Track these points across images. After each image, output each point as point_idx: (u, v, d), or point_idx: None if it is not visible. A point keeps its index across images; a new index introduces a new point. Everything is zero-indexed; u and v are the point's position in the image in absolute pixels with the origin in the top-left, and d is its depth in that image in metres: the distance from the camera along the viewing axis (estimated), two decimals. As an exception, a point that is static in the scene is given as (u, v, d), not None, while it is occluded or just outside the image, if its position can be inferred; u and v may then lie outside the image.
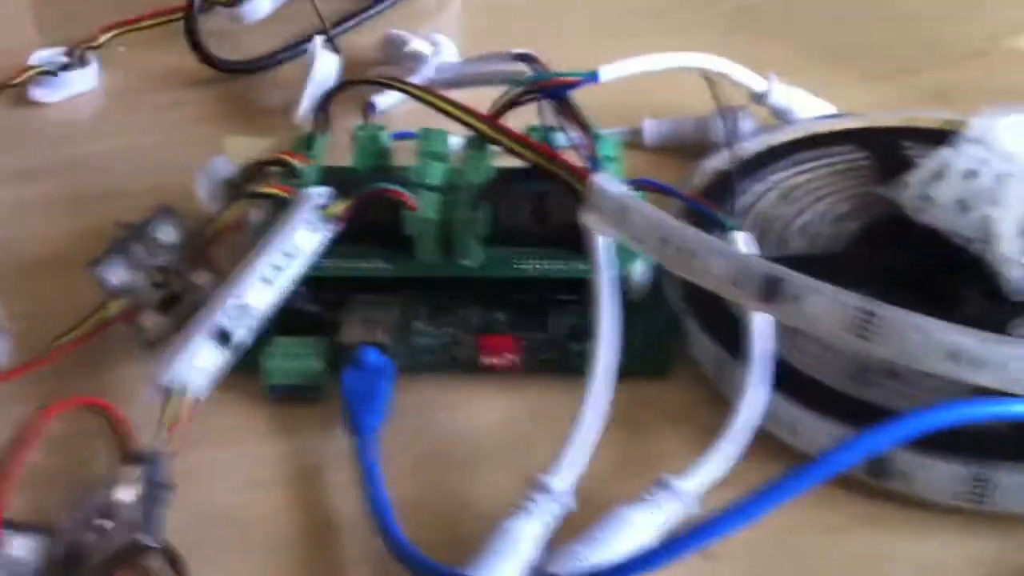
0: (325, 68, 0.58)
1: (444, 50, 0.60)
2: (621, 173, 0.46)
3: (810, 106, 0.54)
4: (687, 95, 0.51)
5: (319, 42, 0.59)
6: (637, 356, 0.42)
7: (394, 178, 0.45)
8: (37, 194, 0.55)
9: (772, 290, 0.36)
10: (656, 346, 0.43)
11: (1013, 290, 0.42)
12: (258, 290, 0.41)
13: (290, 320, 0.43)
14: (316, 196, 0.43)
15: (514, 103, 0.46)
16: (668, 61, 0.48)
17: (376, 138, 0.48)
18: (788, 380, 0.40)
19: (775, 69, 0.53)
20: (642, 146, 0.56)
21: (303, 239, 0.42)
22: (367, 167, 0.48)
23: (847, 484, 0.38)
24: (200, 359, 0.39)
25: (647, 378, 0.43)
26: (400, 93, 0.52)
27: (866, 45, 0.65)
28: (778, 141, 0.52)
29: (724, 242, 0.40)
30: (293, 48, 0.64)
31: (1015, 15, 0.68)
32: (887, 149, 0.50)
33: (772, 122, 0.54)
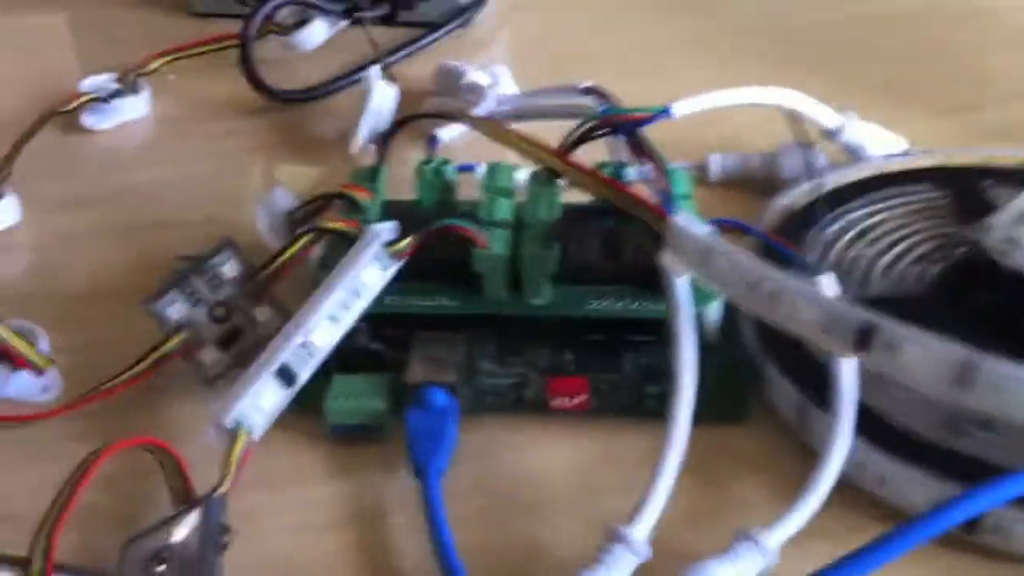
0: (381, 98, 0.57)
1: (502, 81, 0.59)
2: (695, 211, 0.45)
3: (883, 142, 0.53)
4: (747, 129, 0.50)
5: (376, 72, 0.58)
6: (712, 400, 0.40)
7: (460, 213, 0.44)
8: (87, 223, 0.54)
9: (866, 339, 0.34)
10: (732, 390, 0.42)
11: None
12: (325, 328, 0.40)
13: (349, 358, 0.42)
14: (384, 232, 0.42)
15: (586, 138, 0.44)
16: (742, 96, 0.47)
17: (441, 172, 0.46)
18: (874, 427, 0.38)
19: (834, 103, 0.52)
20: (705, 181, 0.54)
21: (371, 276, 0.41)
22: (432, 202, 0.47)
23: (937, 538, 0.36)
24: (264, 399, 0.38)
25: (722, 423, 0.41)
26: (462, 125, 0.52)
27: (921, 79, 0.64)
28: (852, 179, 0.51)
29: (814, 287, 0.39)
30: (347, 77, 0.63)
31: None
32: (965, 188, 0.49)
33: (842, 159, 0.53)
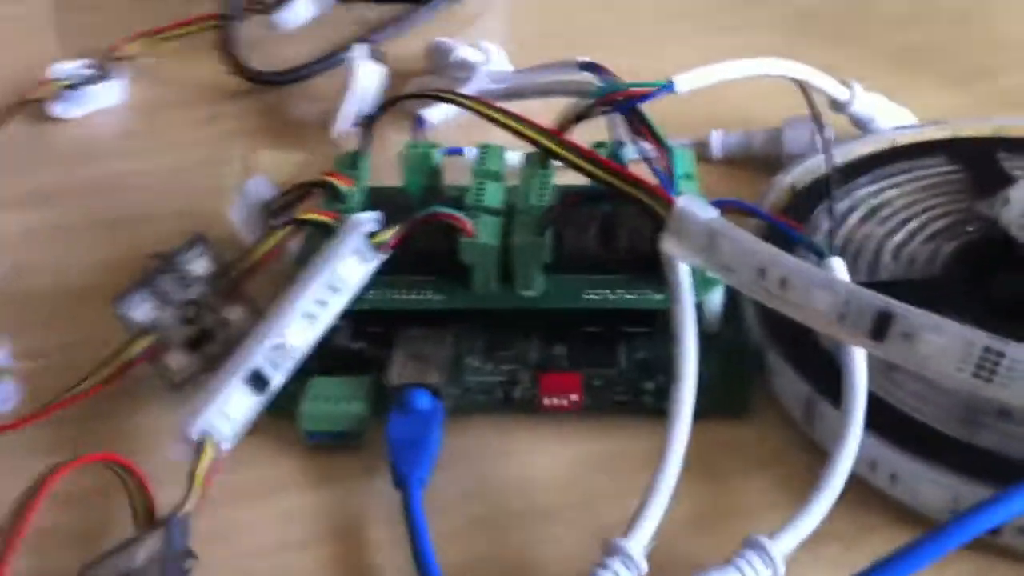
0: (367, 79, 0.55)
1: (494, 58, 0.57)
2: (698, 192, 0.43)
3: (893, 114, 0.51)
4: (749, 105, 0.49)
5: (361, 51, 0.56)
6: (713, 394, 0.38)
7: (448, 200, 0.41)
8: (55, 218, 0.52)
9: (883, 327, 0.32)
10: (735, 383, 0.40)
11: None
12: (300, 328, 0.38)
13: (329, 358, 0.40)
14: (365, 223, 0.40)
15: (582, 116, 0.42)
16: (747, 68, 0.44)
17: (428, 156, 0.44)
18: (885, 420, 0.36)
19: (839, 75, 0.50)
20: (706, 159, 0.53)
21: (351, 271, 0.39)
22: (418, 188, 0.44)
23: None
24: (233, 407, 0.36)
25: (724, 418, 0.40)
26: (450, 106, 0.49)
27: (934, 47, 0.62)
28: (861, 153, 0.49)
29: (827, 272, 0.36)
30: (332, 57, 0.61)
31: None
32: (981, 161, 0.47)
33: (851, 132, 0.51)
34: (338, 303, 0.39)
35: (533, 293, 0.40)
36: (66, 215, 0.52)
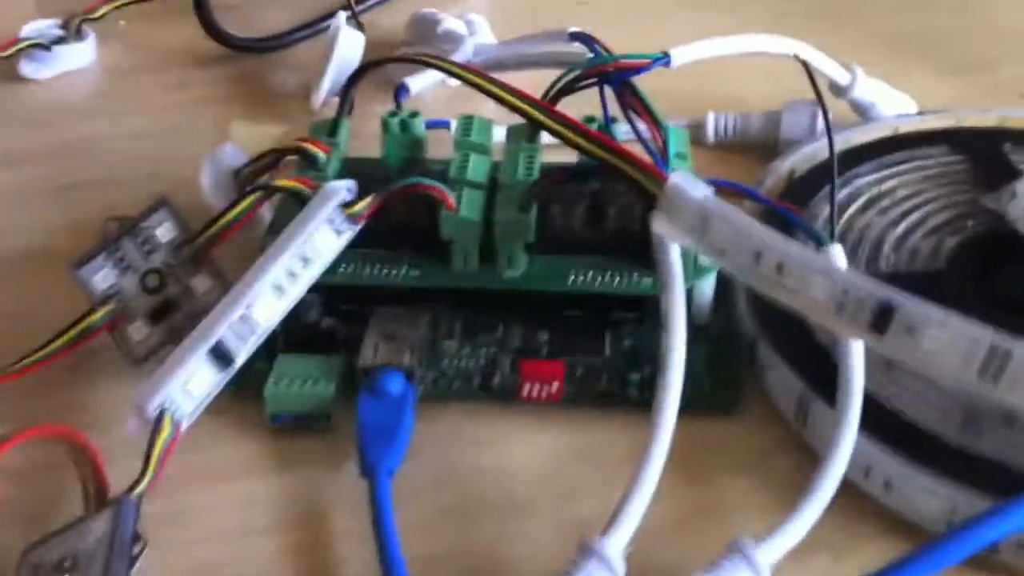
0: (348, 48, 0.54)
1: (480, 30, 0.56)
2: (692, 171, 0.41)
3: (895, 101, 0.50)
4: (746, 87, 0.49)
5: (342, 18, 0.55)
6: (701, 388, 0.37)
7: (428, 172, 0.40)
8: (21, 180, 0.51)
9: (884, 320, 0.30)
10: (724, 377, 0.39)
11: None
12: (268, 301, 0.36)
13: (298, 335, 0.39)
14: (340, 191, 0.38)
15: (571, 88, 0.40)
16: (745, 45, 0.43)
17: (408, 126, 0.42)
18: (881, 422, 0.35)
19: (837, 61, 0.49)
20: (700, 143, 0.51)
21: (324, 241, 0.37)
22: (397, 159, 0.42)
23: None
24: (195, 382, 0.34)
25: (712, 415, 0.38)
26: (433, 76, 0.49)
27: (934, 35, 0.62)
28: (862, 140, 0.47)
29: (826, 259, 0.35)
30: (313, 26, 0.61)
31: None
32: (984, 152, 0.46)
33: (850, 119, 0.50)
34: (309, 276, 0.37)
35: (515, 274, 0.39)
36: (29, 177, 0.51)
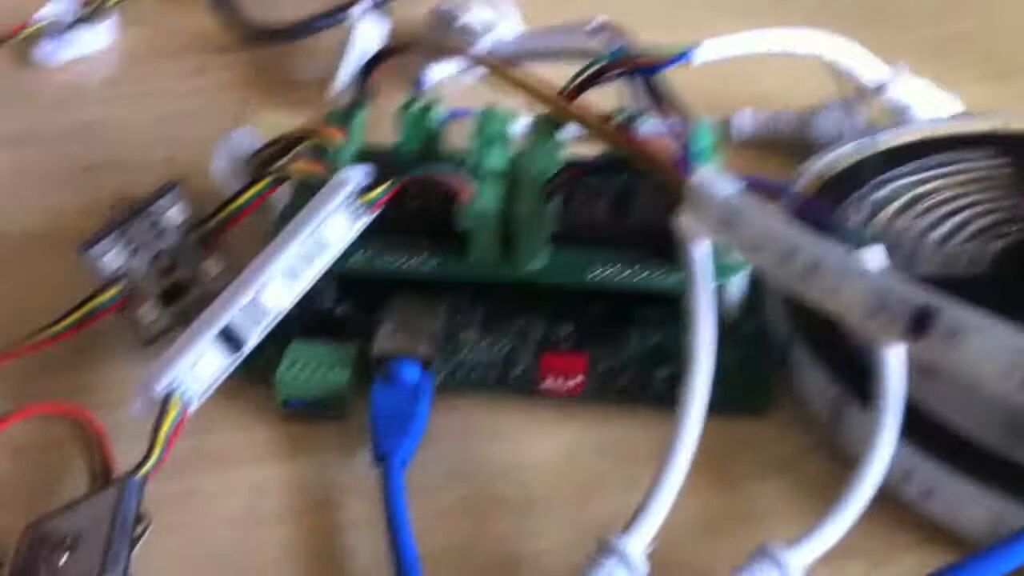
0: (368, 37, 0.53)
1: (507, 21, 0.55)
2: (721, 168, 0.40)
3: (938, 102, 0.48)
4: (777, 86, 0.48)
5: (363, 8, 0.55)
6: (730, 389, 0.36)
7: (445, 163, 0.39)
8: (35, 161, 0.51)
9: (923, 324, 0.30)
10: (754, 377, 0.38)
11: None
12: (279, 286, 0.36)
13: (311, 321, 0.39)
14: (355, 177, 0.38)
15: (593, 81, 0.40)
16: (775, 42, 0.42)
17: (426, 115, 0.42)
18: (922, 429, 0.33)
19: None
20: (728, 142, 0.50)
21: (338, 228, 0.37)
22: (413, 149, 0.42)
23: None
24: (203, 365, 0.34)
25: (741, 415, 0.37)
26: (454, 66, 0.48)
27: (971, 37, 0.60)
28: (899, 142, 0.46)
29: (860, 261, 0.34)
30: (333, 15, 0.59)
31: None
32: None
33: (885, 120, 0.48)
34: (322, 262, 0.37)
35: (535, 267, 0.38)
36: (41, 159, 0.51)
